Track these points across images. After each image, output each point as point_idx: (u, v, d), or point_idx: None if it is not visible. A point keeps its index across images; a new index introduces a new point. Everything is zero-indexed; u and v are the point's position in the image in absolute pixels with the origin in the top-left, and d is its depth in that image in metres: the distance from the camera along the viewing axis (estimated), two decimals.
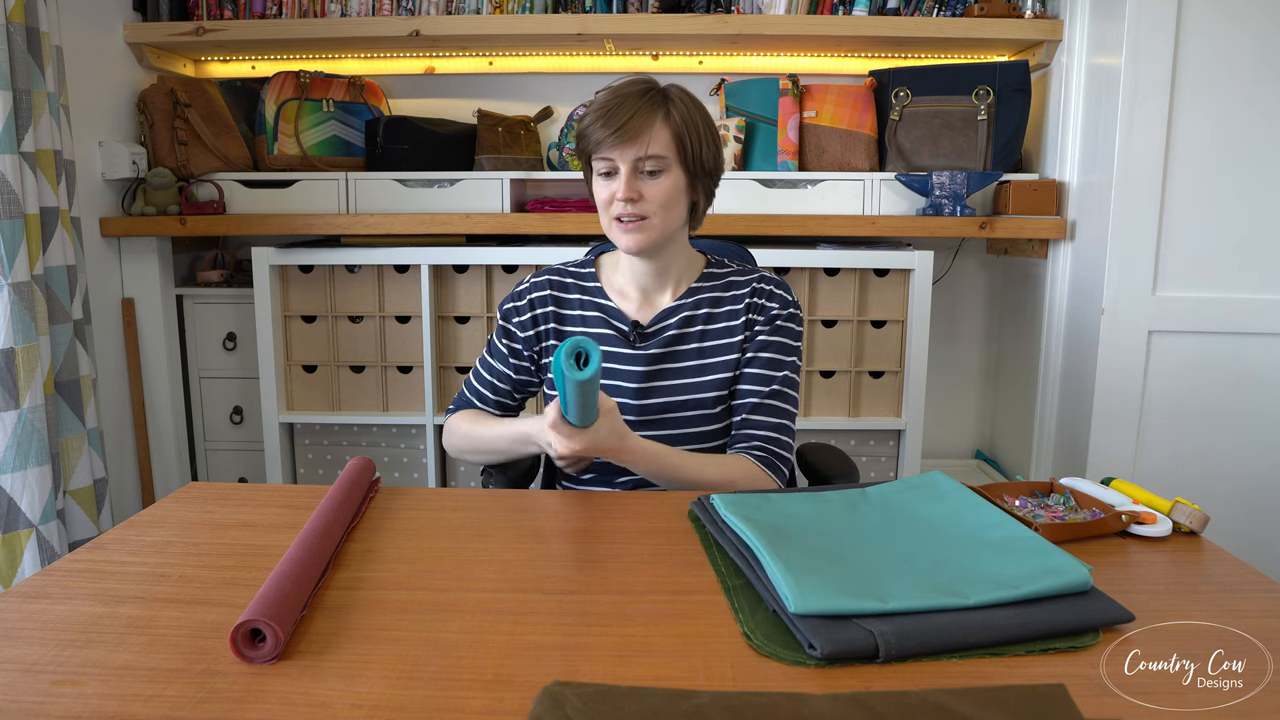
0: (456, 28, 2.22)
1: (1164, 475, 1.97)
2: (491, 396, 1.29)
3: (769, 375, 1.17)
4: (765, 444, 1.15)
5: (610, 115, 1.08)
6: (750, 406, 1.17)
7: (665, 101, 1.11)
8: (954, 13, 2.24)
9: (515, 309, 1.25)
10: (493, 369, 1.28)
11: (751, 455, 1.14)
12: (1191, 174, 1.90)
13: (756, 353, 1.18)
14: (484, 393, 1.29)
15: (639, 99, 1.10)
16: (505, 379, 1.27)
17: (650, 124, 1.08)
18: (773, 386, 1.17)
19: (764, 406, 1.17)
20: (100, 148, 2.16)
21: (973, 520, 0.87)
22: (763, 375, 1.17)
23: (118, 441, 2.22)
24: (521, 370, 1.26)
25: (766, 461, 1.14)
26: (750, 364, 1.18)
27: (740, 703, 0.58)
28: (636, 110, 1.08)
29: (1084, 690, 0.61)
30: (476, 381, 1.30)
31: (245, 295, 2.29)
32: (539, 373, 1.27)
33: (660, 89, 1.13)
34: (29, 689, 0.62)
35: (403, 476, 2.28)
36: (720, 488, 1.08)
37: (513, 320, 1.25)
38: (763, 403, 1.17)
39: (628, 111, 1.08)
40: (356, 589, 0.78)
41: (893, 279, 2.12)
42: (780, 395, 1.18)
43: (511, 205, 2.24)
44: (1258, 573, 0.82)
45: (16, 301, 1.66)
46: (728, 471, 1.11)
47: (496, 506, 1.00)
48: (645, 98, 1.10)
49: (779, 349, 1.18)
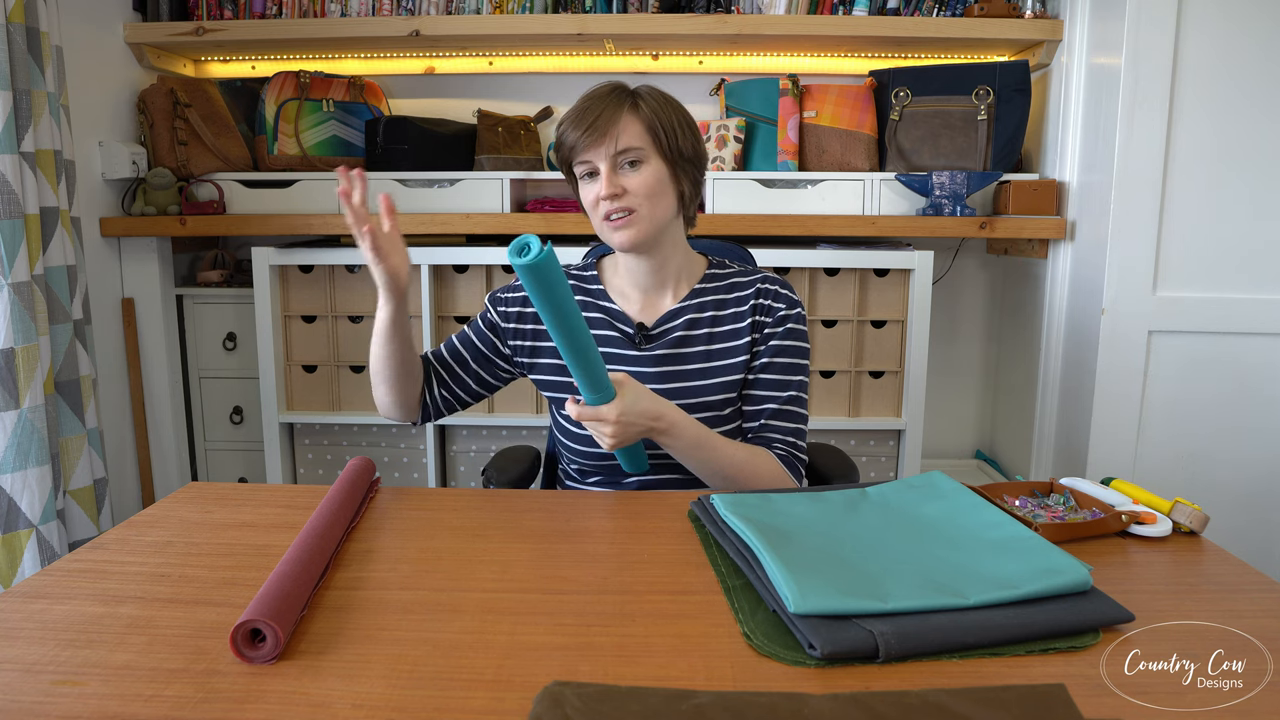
0: (456, 28, 2.22)
1: (1164, 475, 1.97)
2: (444, 353, 1.25)
3: (785, 380, 1.17)
4: (786, 448, 1.16)
5: (580, 118, 1.10)
6: (769, 412, 1.17)
7: (632, 96, 1.13)
8: (954, 13, 2.24)
9: (506, 300, 1.23)
10: (460, 335, 1.26)
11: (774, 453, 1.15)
12: (1191, 174, 1.90)
13: (772, 358, 1.18)
14: (440, 349, 1.26)
15: (606, 98, 1.12)
16: (468, 344, 1.24)
17: (618, 118, 1.10)
18: (790, 392, 1.17)
19: (783, 413, 1.17)
20: (100, 148, 2.16)
21: (973, 520, 0.87)
22: (779, 380, 1.17)
23: (118, 441, 2.22)
24: (485, 344, 1.23)
25: (787, 461, 1.15)
26: (766, 369, 1.18)
27: (740, 703, 0.58)
28: (604, 108, 1.10)
29: (1084, 690, 0.61)
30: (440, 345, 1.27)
31: (245, 295, 2.29)
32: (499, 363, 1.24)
33: (626, 87, 1.15)
34: (29, 689, 0.62)
35: (403, 476, 2.28)
36: (745, 472, 1.09)
37: (498, 308, 1.24)
38: (782, 408, 1.17)
39: (596, 110, 1.10)
40: (356, 589, 0.78)
41: (893, 279, 2.12)
42: (797, 400, 1.18)
43: (511, 205, 2.24)
44: (1258, 573, 0.82)
45: (16, 301, 1.66)
46: (755, 459, 1.12)
47: (496, 506, 1.00)
48: (612, 96, 1.12)
49: (794, 353, 1.18)
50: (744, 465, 1.10)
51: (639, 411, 1.03)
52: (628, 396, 1.02)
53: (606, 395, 1.01)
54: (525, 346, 1.23)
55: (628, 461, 1.12)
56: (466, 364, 1.24)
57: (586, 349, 0.97)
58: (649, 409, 1.04)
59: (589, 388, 1.00)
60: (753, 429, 1.18)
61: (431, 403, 1.24)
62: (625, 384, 1.03)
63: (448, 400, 1.24)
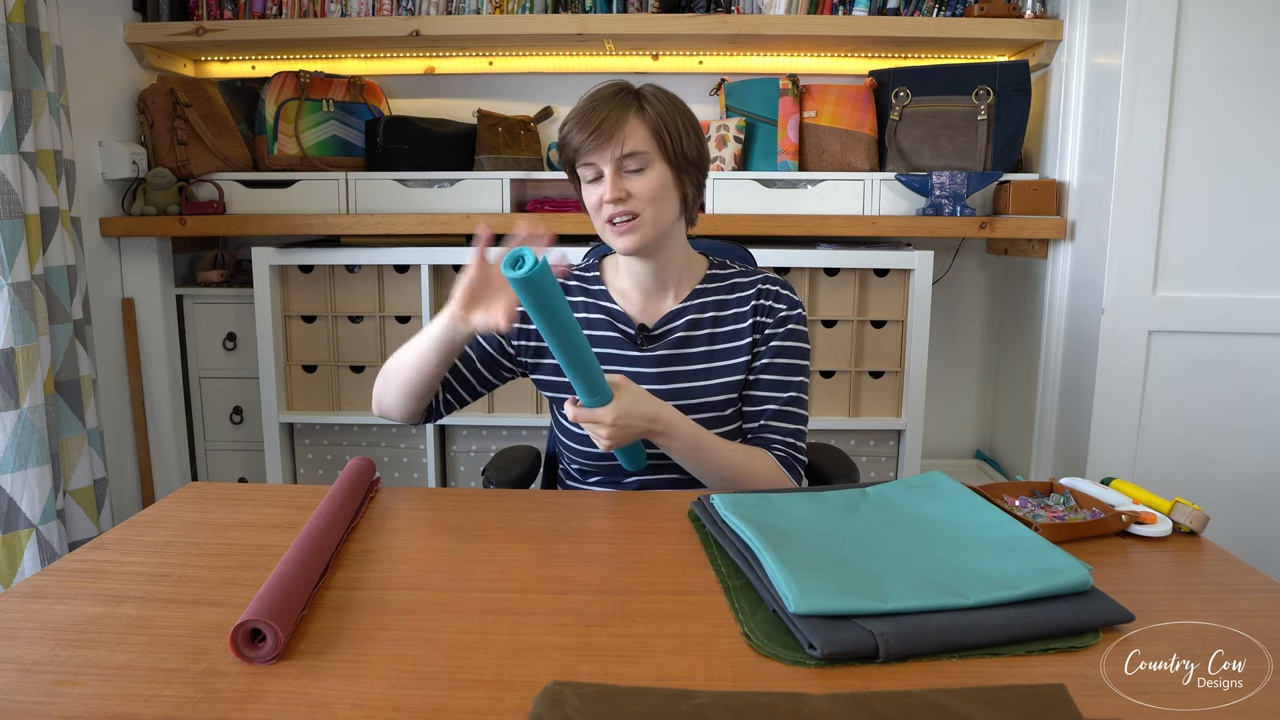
0: (456, 28, 2.22)
1: (1164, 475, 1.97)
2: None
3: (786, 381, 1.17)
4: (786, 448, 1.16)
5: (585, 119, 1.09)
6: (769, 413, 1.17)
7: (638, 98, 1.12)
8: (954, 13, 2.24)
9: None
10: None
11: (772, 454, 1.15)
12: (1191, 174, 1.90)
13: (772, 358, 1.17)
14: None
15: (611, 100, 1.10)
16: (474, 346, 1.23)
17: (624, 121, 1.09)
18: (790, 393, 1.17)
19: (784, 414, 1.17)
20: (100, 148, 2.16)
21: (973, 520, 0.87)
22: (779, 381, 1.17)
23: (118, 441, 2.22)
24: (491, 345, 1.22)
25: (786, 462, 1.15)
26: (766, 369, 1.17)
27: (740, 703, 0.58)
28: (610, 110, 1.09)
29: (1084, 690, 0.61)
30: None
31: (245, 295, 2.29)
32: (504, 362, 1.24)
33: (632, 88, 1.14)
34: (29, 689, 0.62)
35: (403, 476, 2.28)
36: (744, 473, 1.09)
37: None
38: (783, 409, 1.17)
39: (601, 113, 1.09)
40: (356, 589, 0.78)
41: (893, 279, 2.12)
42: (797, 401, 1.18)
43: (511, 205, 2.24)
44: (1258, 573, 0.82)
45: (16, 301, 1.66)
46: (753, 461, 1.11)
47: (496, 506, 1.00)
48: (617, 98, 1.11)
49: (794, 353, 1.18)
50: (742, 466, 1.10)
51: (636, 414, 1.03)
52: (625, 399, 1.02)
53: (603, 398, 1.01)
54: (529, 347, 1.23)
55: (627, 460, 1.12)
56: (473, 365, 1.23)
57: (582, 355, 0.97)
58: (645, 411, 1.04)
59: (586, 391, 1.00)
60: (752, 429, 1.18)
61: (435, 406, 1.24)
62: (623, 386, 1.03)
63: (449, 402, 1.25)
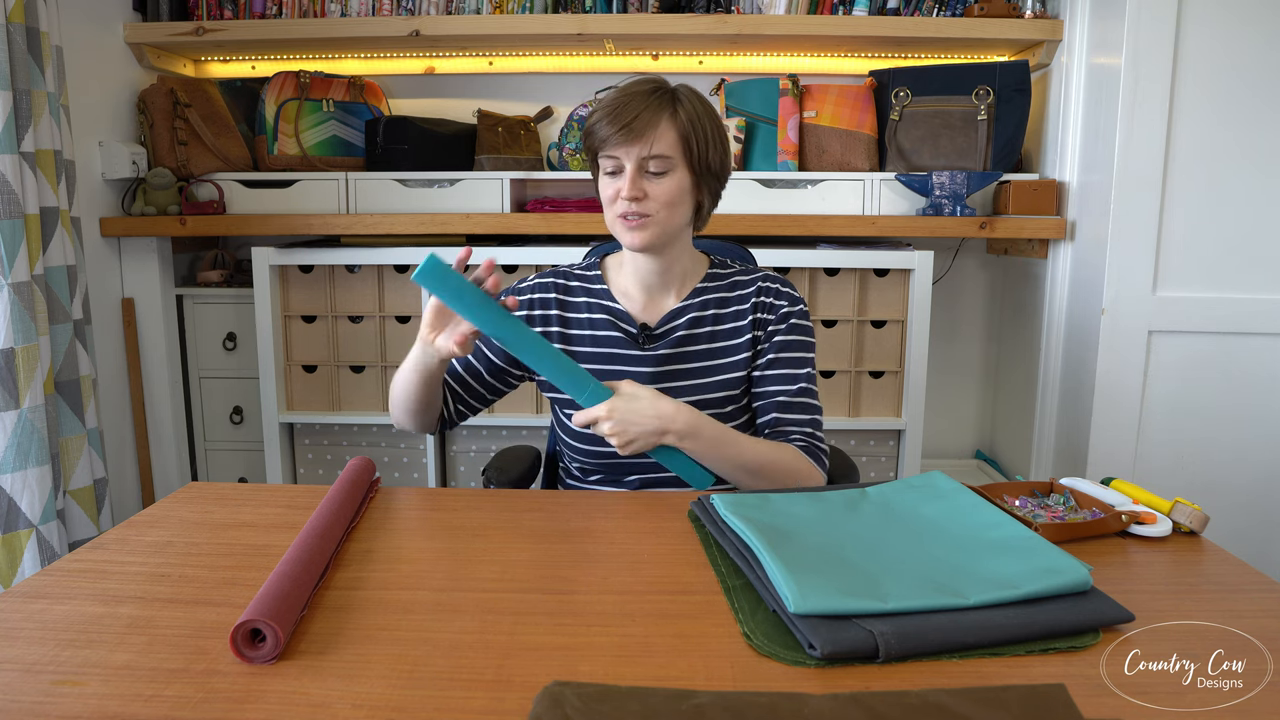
0: (456, 28, 2.22)
1: (1164, 475, 1.97)
2: (459, 370, 1.24)
3: (794, 374, 1.17)
4: (805, 438, 1.14)
5: (617, 113, 1.08)
6: (781, 405, 1.16)
7: (673, 101, 1.11)
8: (954, 13, 2.24)
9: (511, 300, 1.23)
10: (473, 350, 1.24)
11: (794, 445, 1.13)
12: (1191, 174, 1.90)
13: (778, 353, 1.17)
14: (454, 366, 1.25)
15: (647, 98, 1.09)
16: (481, 358, 1.23)
17: (656, 123, 1.08)
18: (800, 385, 1.17)
19: (795, 405, 1.16)
20: (100, 148, 2.16)
21: (973, 520, 0.87)
22: (788, 375, 1.17)
23: (118, 441, 2.22)
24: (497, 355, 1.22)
25: (810, 451, 1.13)
26: (772, 365, 1.17)
27: (740, 703, 0.58)
28: (643, 109, 1.08)
29: (1084, 690, 0.61)
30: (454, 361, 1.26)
31: (245, 295, 2.29)
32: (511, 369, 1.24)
33: (669, 88, 1.13)
34: (29, 689, 0.62)
35: (403, 476, 2.28)
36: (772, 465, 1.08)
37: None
38: (793, 400, 1.16)
39: (634, 110, 1.08)
40: (356, 589, 0.78)
41: (893, 279, 2.12)
42: (808, 392, 1.18)
43: (511, 205, 2.24)
44: (1258, 573, 0.82)
45: (16, 301, 1.66)
46: (778, 451, 1.10)
47: (496, 506, 1.00)
48: (653, 97, 1.10)
49: (799, 347, 1.18)
50: (768, 458, 1.09)
51: (637, 410, 1.03)
52: (624, 393, 1.03)
53: (595, 393, 1.03)
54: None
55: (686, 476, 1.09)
56: (481, 377, 1.24)
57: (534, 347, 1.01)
58: (648, 408, 1.04)
59: (568, 386, 1.03)
60: (767, 424, 1.17)
61: (448, 417, 1.25)
62: (622, 385, 1.05)
63: (462, 412, 1.26)
